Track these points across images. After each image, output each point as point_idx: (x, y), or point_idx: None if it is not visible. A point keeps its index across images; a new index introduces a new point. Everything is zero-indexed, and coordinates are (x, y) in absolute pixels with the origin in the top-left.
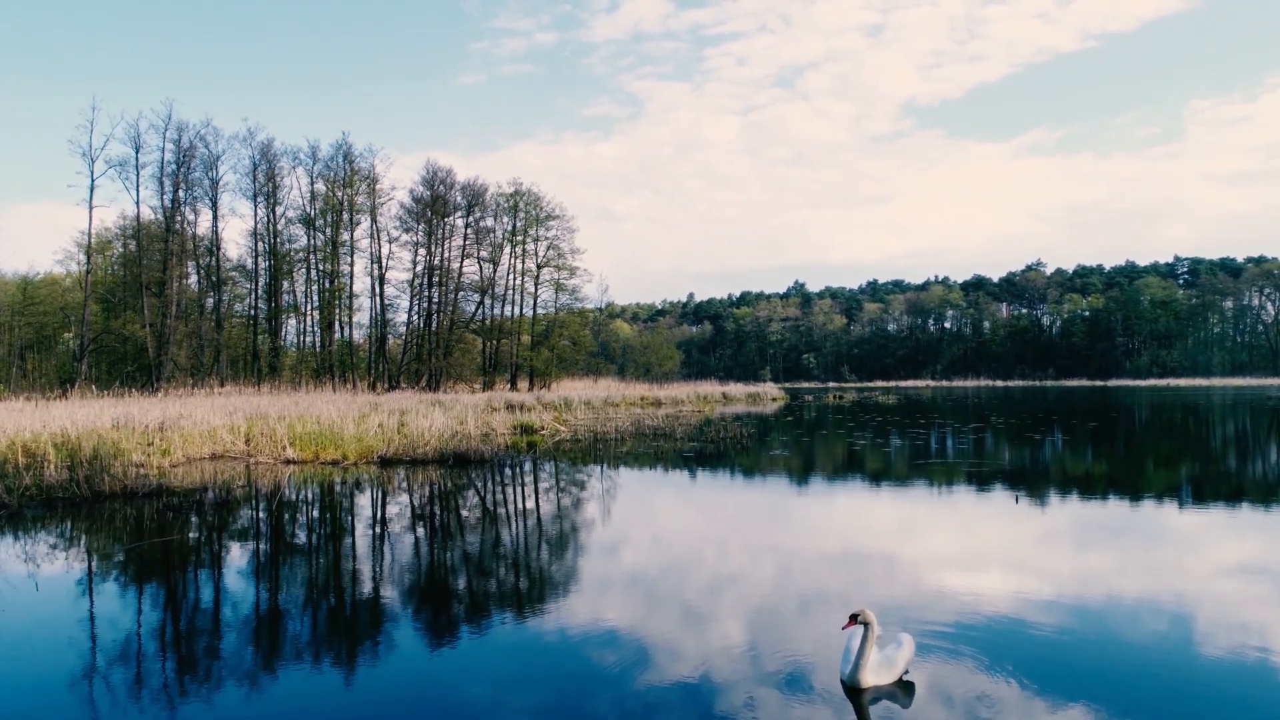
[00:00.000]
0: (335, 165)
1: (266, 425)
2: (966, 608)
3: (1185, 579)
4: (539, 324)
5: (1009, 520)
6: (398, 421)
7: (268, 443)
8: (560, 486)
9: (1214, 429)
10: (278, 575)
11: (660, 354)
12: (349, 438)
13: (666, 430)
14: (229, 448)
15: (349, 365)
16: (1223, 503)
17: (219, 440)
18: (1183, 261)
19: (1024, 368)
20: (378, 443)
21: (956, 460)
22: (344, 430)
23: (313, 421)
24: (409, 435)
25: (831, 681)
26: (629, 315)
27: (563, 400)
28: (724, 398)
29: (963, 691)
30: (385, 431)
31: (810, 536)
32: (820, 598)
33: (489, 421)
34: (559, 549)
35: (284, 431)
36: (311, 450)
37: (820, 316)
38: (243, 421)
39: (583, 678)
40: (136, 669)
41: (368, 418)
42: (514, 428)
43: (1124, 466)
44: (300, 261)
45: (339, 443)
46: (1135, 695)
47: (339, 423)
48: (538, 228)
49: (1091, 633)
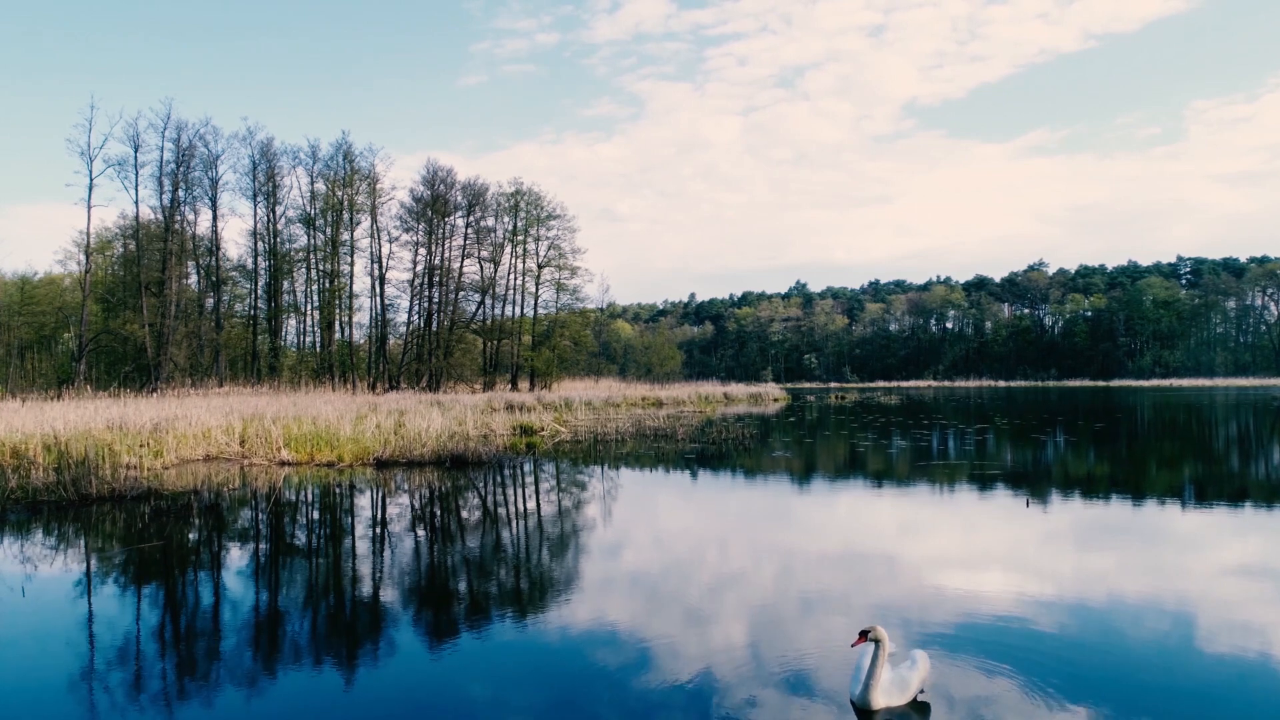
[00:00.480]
0: (335, 165)
1: (261, 426)
2: (978, 611)
3: (1206, 582)
4: (540, 324)
5: (1017, 522)
6: (395, 422)
7: (262, 444)
8: (560, 488)
9: (1220, 430)
10: (266, 583)
11: (662, 354)
12: (345, 439)
13: (668, 431)
14: (223, 449)
15: (349, 366)
16: (1233, 503)
17: (213, 442)
18: (1185, 262)
19: (1026, 368)
20: (374, 444)
21: (962, 461)
22: (340, 431)
23: (309, 422)
24: (406, 437)
25: (836, 690)
26: (630, 315)
27: (563, 400)
28: (725, 398)
29: (970, 696)
30: (382, 432)
31: (814, 538)
32: (824, 601)
33: (488, 422)
34: (558, 552)
35: (279, 433)
36: (307, 452)
37: (822, 317)
38: (238, 422)
39: (583, 681)
40: (91, 686)
41: (365, 418)
42: (514, 428)
43: (1130, 468)
44: (300, 261)
45: (335, 444)
46: (1162, 698)
47: (335, 423)
48: (539, 227)
49: (1113, 638)
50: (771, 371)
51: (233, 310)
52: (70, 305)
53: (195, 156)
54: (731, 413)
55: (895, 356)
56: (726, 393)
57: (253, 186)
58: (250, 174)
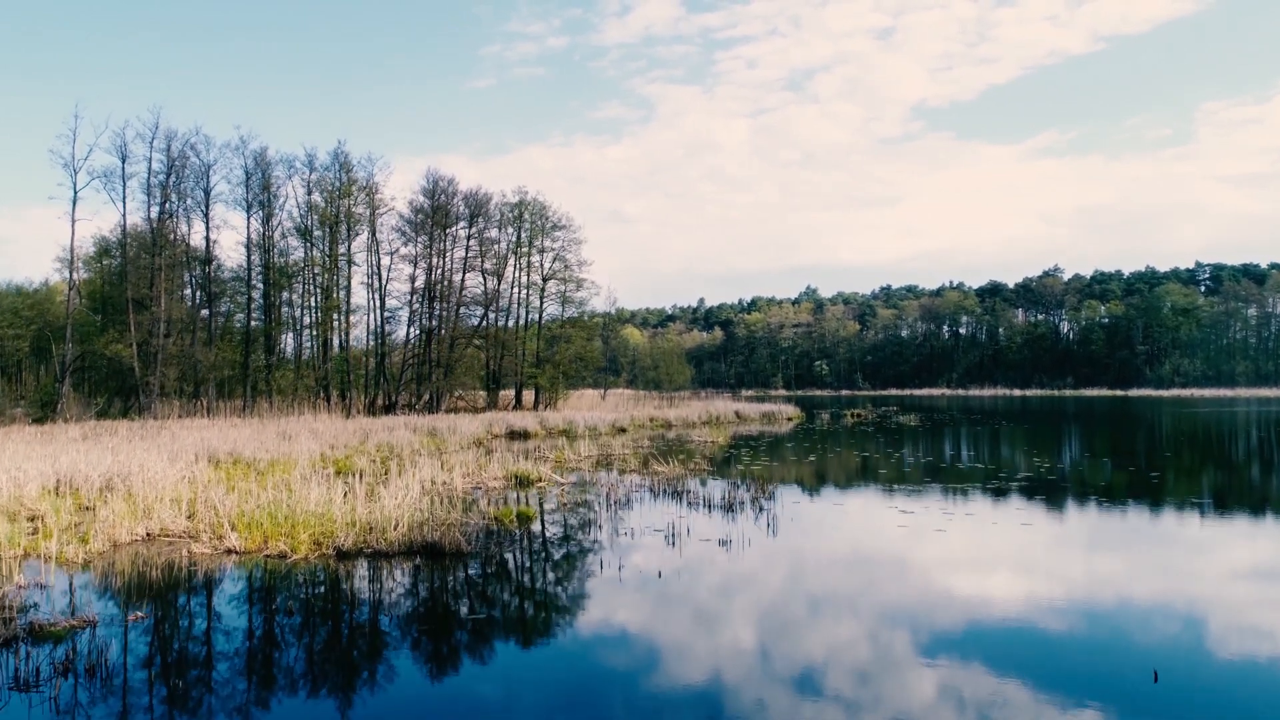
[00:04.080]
0: (332, 175)
1: (210, 500)
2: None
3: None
4: (546, 331)
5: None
6: (371, 483)
7: (210, 522)
8: (550, 608)
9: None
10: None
11: (671, 369)
12: (305, 518)
13: (680, 484)
14: (167, 526)
15: (346, 384)
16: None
17: (156, 518)
18: (1204, 268)
19: (1041, 376)
20: (341, 524)
21: (1082, 532)
22: (305, 500)
23: (268, 492)
24: (376, 515)
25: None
26: (639, 320)
27: (567, 424)
28: (737, 417)
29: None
30: (350, 504)
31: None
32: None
33: (479, 475)
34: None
35: (232, 505)
36: (259, 537)
37: (833, 323)
38: (187, 489)
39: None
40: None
41: (334, 484)
42: (509, 478)
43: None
44: (296, 275)
45: (291, 528)
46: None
47: (300, 491)
48: (543, 238)
49: None
50: (782, 378)
51: (226, 326)
52: (61, 319)
53: (186, 166)
54: (744, 433)
55: (908, 363)
56: (738, 411)
57: (246, 197)
58: (244, 184)
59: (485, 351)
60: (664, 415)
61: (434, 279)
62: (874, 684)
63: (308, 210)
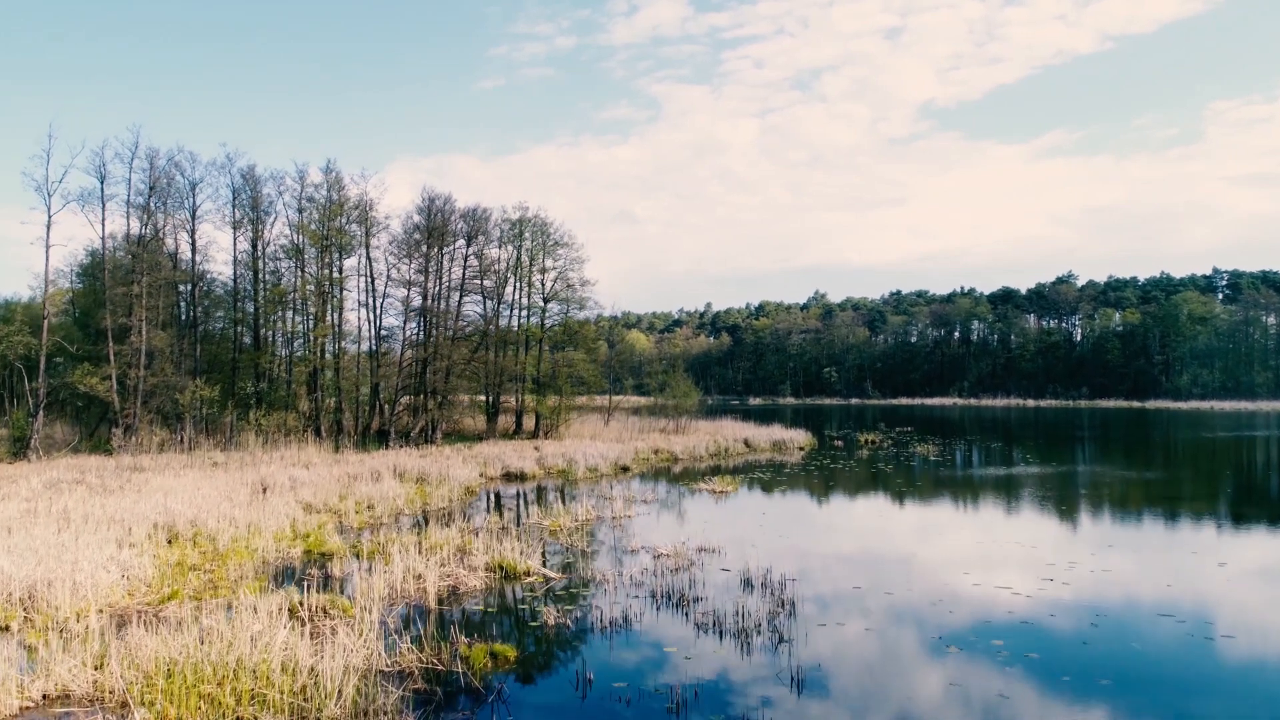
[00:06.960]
0: (322, 194)
1: (128, 645)
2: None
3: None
4: (545, 361)
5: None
6: (329, 600)
7: (118, 685)
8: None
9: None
10: None
11: (678, 391)
12: (238, 671)
13: (686, 577)
14: (67, 685)
15: (338, 411)
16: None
17: (54, 674)
18: (1221, 274)
19: (1055, 386)
20: (280, 687)
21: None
22: (242, 640)
23: (204, 644)
24: (323, 666)
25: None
26: (645, 325)
27: (567, 462)
28: (746, 446)
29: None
30: (294, 650)
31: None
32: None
33: (458, 573)
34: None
35: (152, 650)
36: (173, 712)
37: (843, 329)
38: (97, 644)
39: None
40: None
41: (278, 617)
42: (492, 570)
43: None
44: (285, 299)
45: (220, 700)
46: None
47: (240, 623)
48: (544, 257)
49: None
50: (790, 385)
51: (211, 353)
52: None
53: (170, 185)
54: (755, 460)
55: (919, 371)
56: (747, 439)
57: (233, 217)
58: (231, 204)
59: (483, 378)
60: (670, 448)
61: (430, 303)
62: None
63: (298, 229)
